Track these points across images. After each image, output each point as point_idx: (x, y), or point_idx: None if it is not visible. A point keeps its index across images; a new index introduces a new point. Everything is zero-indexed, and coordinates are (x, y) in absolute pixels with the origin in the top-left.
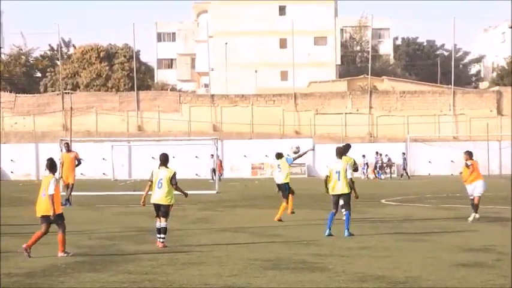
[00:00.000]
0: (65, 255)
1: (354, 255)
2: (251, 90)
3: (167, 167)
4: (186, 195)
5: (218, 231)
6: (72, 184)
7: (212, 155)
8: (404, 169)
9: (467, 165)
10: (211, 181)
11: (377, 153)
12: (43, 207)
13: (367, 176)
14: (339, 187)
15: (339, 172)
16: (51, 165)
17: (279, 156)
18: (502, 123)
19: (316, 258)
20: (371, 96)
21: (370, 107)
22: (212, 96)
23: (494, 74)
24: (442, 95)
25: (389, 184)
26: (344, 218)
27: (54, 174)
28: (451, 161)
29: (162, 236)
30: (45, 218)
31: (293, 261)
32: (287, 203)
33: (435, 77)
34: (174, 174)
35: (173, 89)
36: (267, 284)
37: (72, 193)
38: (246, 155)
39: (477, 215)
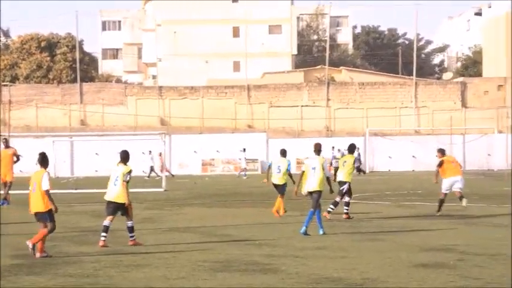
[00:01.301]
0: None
1: (309, 256)
2: (201, 81)
3: (126, 165)
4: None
5: (165, 231)
6: (10, 182)
7: (161, 153)
8: (358, 165)
9: (439, 165)
10: (157, 178)
11: (333, 148)
12: (34, 203)
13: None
14: (314, 184)
15: (315, 168)
16: (43, 160)
17: (284, 153)
18: (467, 116)
19: (268, 259)
20: (328, 87)
21: (328, 99)
22: (160, 88)
23: (459, 64)
24: (403, 86)
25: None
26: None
27: (46, 169)
28: (413, 157)
29: (131, 234)
30: (39, 215)
31: (244, 262)
32: (282, 197)
33: (396, 68)
34: (130, 171)
35: (118, 81)
36: (216, 286)
37: (10, 191)
38: (195, 151)
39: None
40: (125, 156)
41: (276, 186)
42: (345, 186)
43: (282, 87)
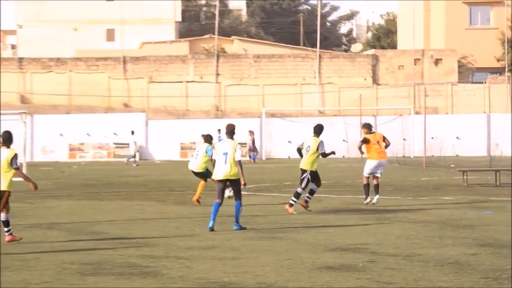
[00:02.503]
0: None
1: (195, 256)
2: (69, 52)
3: (9, 148)
4: (35, 186)
5: (26, 228)
6: None
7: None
8: (255, 150)
9: (363, 141)
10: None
11: (219, 131)
12: None
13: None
14: (225, 171)
15: (227, 154)
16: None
17: (208, 139)
18: (379, 95)
19: (147, 261)
20: (218, 61)
21: (217, 74)
22: (20, 60)
23: (369, 34)
24: (305, 59)
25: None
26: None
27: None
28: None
29: (7, 228)
30: None
31: (119, 264)
32: (205, 181)
33: (297, 38)
34: (15, 155)
35: None
36: None
37: None
38: (62, 134)
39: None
40: (8, 138)
41: (194, 174)
42: (306, 175)
43: (164, 60)
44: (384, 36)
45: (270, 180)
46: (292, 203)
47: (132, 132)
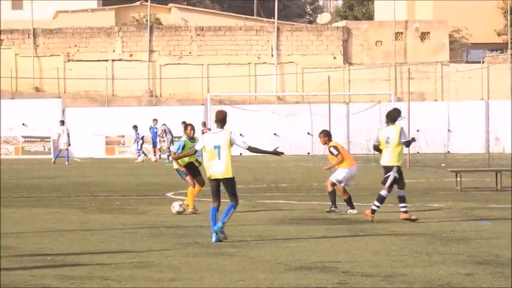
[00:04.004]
0: None
1: (124, 277)
2: None
3: None
4: None
5: None
6: None
7: None
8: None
9: (331, 153)
10: None
11: (155, 121)
12: None
13: (143, 155)
14: (220, 169)
15: (219, 147)
16: None
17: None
18: (351, 77)
19: (65, 283)
20: (152, 34)
21: (151, 51)
22: None
23: (339, 2)
24: (260, 33)
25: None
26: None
27: None
28: (274, 134)
29: None
30: None
31: (30, 287)
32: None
33: (250, 7)
34: None
35: None
36: None
37: None
38: None
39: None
40: None
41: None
42: (392, 173)
43: (85, 33)
44: (358, 4)
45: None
46: (375, 208)
47: (62, 122)
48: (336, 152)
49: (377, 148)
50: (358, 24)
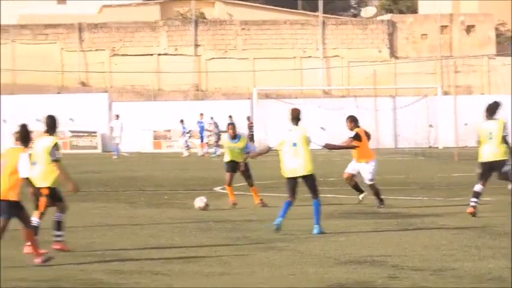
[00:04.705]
0: (44, 259)
1: (175, 272)
2: (11, 19)
3: (53, 135)
4: (75, 189)
5: None
6: None
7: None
8: (252, 141)
9: (356, 138)
10: None
11: (202, 115)
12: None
13: (189, 150)
14: (298, 166)
15: (296, 144)
16: (25, 135)
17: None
18: (397, 70)
19: (115, 278)
20: (197, 28)
21: (196, 46)
22: None
23: None
24: (305, 27)
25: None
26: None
27: (25, 148)
28: (321, 128)
29: (60, 233)
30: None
31: (80, 281)
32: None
33: (295, 1)
34: (56, 145)
35: None
36: None
37: None
38: (5, 120)
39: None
40: (51, 124)
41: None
42: (509, 168)
43: (130, 27)
44: None
45: (264, 177)
46: (474, 204)
47: (117, 116)
48: (355, 137)
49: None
50: (403, 18)
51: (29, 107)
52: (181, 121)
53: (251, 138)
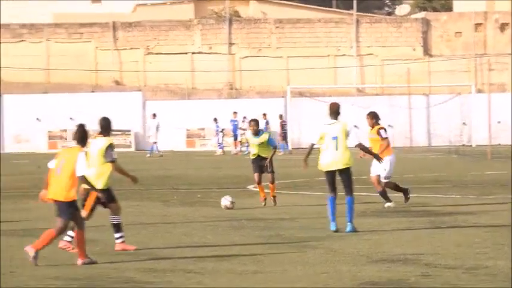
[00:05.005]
0: (87, 262)
1: (207, 270)
2: (46, 17)
3: (108, 136)
4: (134, 179)
5: None
6: None
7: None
8: (285, 139)
9: (380, 134)
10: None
11: (235, 114)
12: (56, 188)
13: (223, 149)
14: (337, 159)
15: (337, 138)
16: (83, 135)
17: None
18: (431, 69)
19: (148, 276)
20: (231, 26)
21: (230, 44)
22: None
23: None
24: (339, 25)
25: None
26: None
27: (83, 148)
28: (354, 126)
29: (119, 234)
30: (59, 206)
31: (113, 280)
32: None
33: None
34: (111, 145)
35: None
36: None
37: None
38: (39, 118)
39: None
40: (106, 125)
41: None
42: None
43: (164, 26)
44: None
45: (298, 176)
46: None
47: (154, 116)
48: (384, 135)
49: None
50: (437, 16)
51: (63, 106)
52: (215, 119)
53: (284, 136)
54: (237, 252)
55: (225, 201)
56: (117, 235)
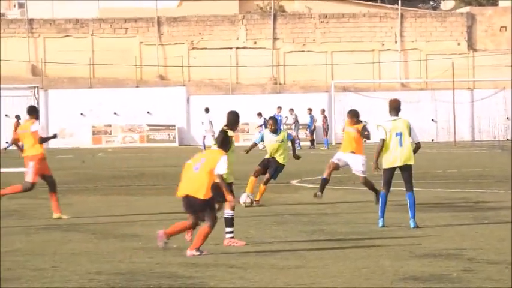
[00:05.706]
0: (197, 253)
1: (249, 265)
2: (91, 12)
3: (233, 130)
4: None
5: (41, 229)
6: None
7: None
8: (312, 133)
9: (364, 131)
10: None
11: (280, 109)
12: (192, 185)
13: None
14: (401, 155)
15: (401, 134)
16: (226, 141)
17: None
18: (476, 63)
19: (191, 271)
20: (276, 21)
21: (275, 39)
22: (30, 21)
23: None
24: (384, 20)
25: (302, 156)
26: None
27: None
28: None
29: (230, 229)
30: (189, 202)
31: (156, 275)
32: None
33: None
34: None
35: None
36: None
37: None
38: (83, 113)
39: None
40: (234, 119)
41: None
42: None
43: (208, 21)
44: None
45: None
46: None
47: (207, 110)
48: (366, 133)
49: None
50: (482, 10)
51: (107, 101)
52: (259, 114)
53: (326, 131)
54: (280, 248)
55: (246, 197)
56: (228, 229)
